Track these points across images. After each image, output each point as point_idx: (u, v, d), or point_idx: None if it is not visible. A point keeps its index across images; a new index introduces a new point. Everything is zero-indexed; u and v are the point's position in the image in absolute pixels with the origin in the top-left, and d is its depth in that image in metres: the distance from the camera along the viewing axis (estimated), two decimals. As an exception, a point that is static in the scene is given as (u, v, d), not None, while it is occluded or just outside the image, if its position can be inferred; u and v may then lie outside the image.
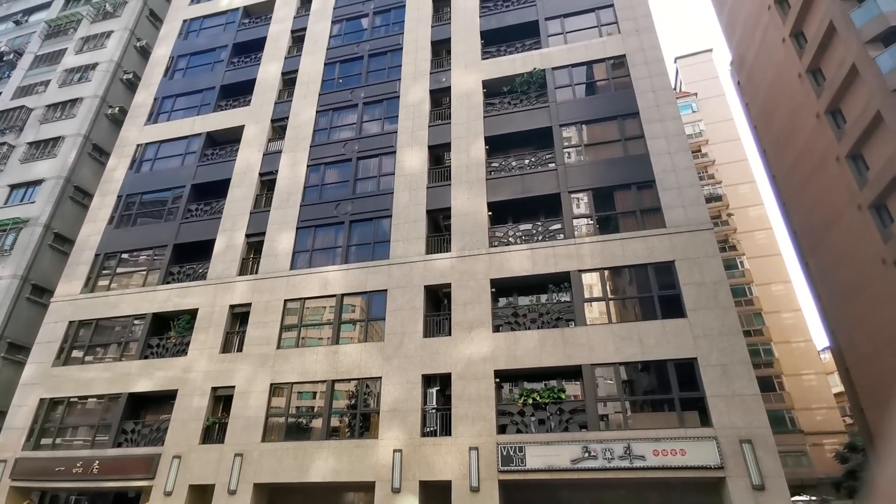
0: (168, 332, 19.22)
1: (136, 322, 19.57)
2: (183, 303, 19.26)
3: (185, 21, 28.63)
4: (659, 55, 18.98)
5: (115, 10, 31.57)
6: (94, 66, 29.16)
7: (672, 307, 14.68)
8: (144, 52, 30.67)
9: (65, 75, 29.45)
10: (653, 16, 20.11)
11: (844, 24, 21.90)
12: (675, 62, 53.71)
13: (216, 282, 19.23)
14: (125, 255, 21.55)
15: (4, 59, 31.96)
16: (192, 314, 19.03)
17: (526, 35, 21.64)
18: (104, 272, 21.26)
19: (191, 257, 20.69)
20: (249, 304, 18.44)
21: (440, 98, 21.38)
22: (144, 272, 20.78)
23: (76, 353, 19.67)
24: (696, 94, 48.88)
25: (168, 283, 20.10)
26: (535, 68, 20.13)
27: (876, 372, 21.15)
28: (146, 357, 18.68)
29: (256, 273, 19.14)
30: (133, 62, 30.27)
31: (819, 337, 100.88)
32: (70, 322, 20.10)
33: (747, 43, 32.82)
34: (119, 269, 21.25)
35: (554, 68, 20.07)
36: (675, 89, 50.58)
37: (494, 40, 22.02)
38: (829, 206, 24.06)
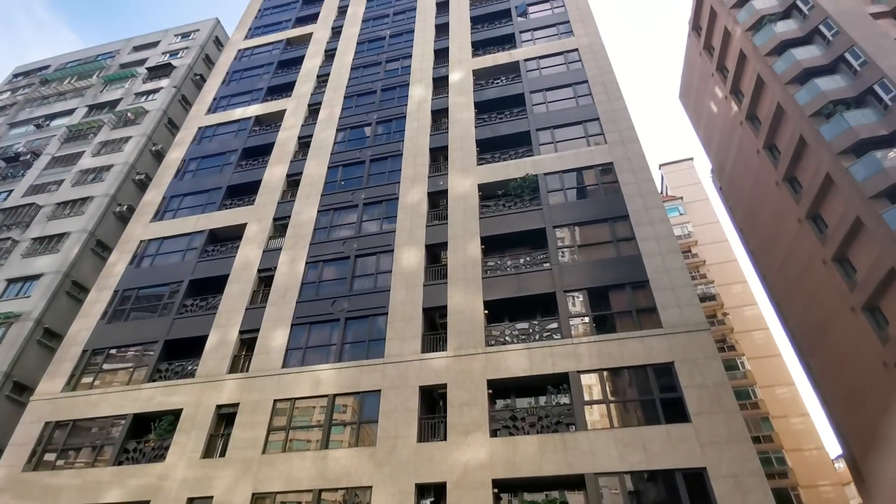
0: (148, 434, 18.26)
1: (115, 423, 18.65)
2: (167, 402, 18.52)
3: (200, 128, 30.54)
4: (644, 163, 20.16)
5: (136, 118, 33.76)
6: (108, 168, 30.58)
7: (675, 411, 14.23)
8: (159, 156, 32.33)
9: (79, 175, 30.77)
10: (635, 128, 21.66)
11: (814, 137, 23.53)
12: (660, 168, 56.77)
13: (204, 380, 18.66)
14: (113, 352, 21.07)
15: (21, 158, 33.52)
16: (176, 415, 18.21)
17: (519, 144, 23.09)
18: (89, 369, 20.65)
19: (181, 354, 20.25)
20: (237, 404, 17.75)
21: (437, 200, 22.29)
22: (131, 369, 20.20)
23: (48, 457, 18.50)
24: (681, 198, 51.10)
25: (154, 380, 19.47)
26: (527, 173, 21.24)
27: (893, 482, 20.02)
28: (120, 463, 17.57)
29: (247, 371, 18.65)
30: (147, 164, 31.81)
31: (831, 443, 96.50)
32: (47, 423, 19.14)
33: (725, 153, 34.99)
34: (105, 366, 20.67)
35: (546, 174, 21.18)
36: (661, 193, 53.03)
37: (489, 148, 23.45)
38: (822, 307, 24.22)
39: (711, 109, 36.62)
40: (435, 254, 20.66)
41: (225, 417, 17.99)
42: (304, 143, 27.34)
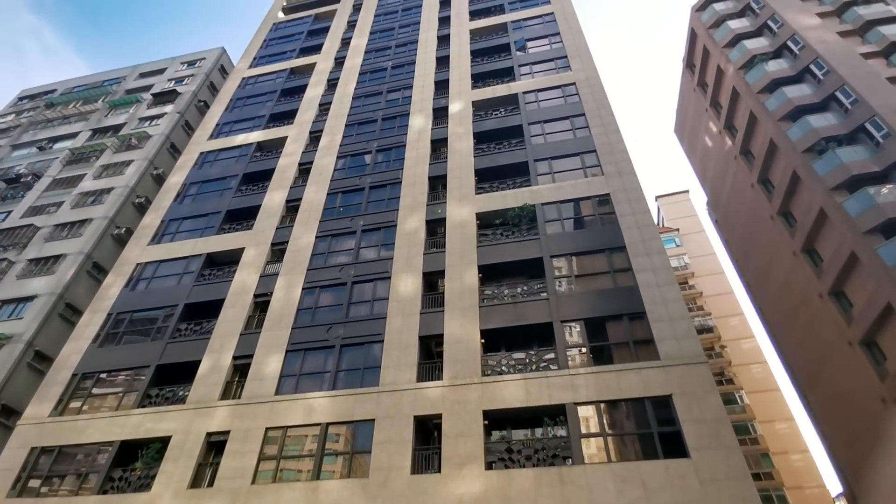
0: (134, 462, 17.82)
1: (101, 450, 18.22)
2: (156, 429, 18.15)
3: (201, 153, 30.85)
4: (640, 195, 20.38)
5: (139, 143, 34.13)
6: (108, 191, 30.74)
7: (674, 445, 14.01)
8: (160, 179, 32.55)
9: (79, 198, 30.90)
10: (632, 160, 21.98)
11: (808, 172, 23.89)
12: (656, 200, 57.35)
13: (195, 406, 18.33)
14: (103, 376, 20.75)
15: (22, 180, 33.68)
16: (164, 442, 17.81)
17: (516, 174, 23.36)
18: (78, 394, 20.28)
19: (172, 379, 19.95)
20: (228, 432, 17.39)
21: (435, 228, 22.39)
22: (120, 394, 19.86)
23: (33, 483, 18.00)
24: (678, 230, 51.47)
25: (144, 406, 19.12)
26: (525, 203, 21.42)
27: (898, 524, 19.61)
28: (105, 492, 17.08)
29: (239, 398, 18.35)
30: (147, 188, 32.00)
31: (832, 480, 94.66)
32: (32, 448, 18.69)
33: (719, 186, 35.44)
34: (95, 391, 20.32)
35: (543, 203, 21.37)
36: (657, 225, 53.36)
37: (487, 177, 23.70)
38: (819, 342, 24.16)
39: (706, 143, 37.27)
40: (432, 281, 20.64)
41: (214, 445, 17.60)
42: (304, 170, 27.60)
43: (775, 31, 30.32)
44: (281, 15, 45.77)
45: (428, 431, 16.61)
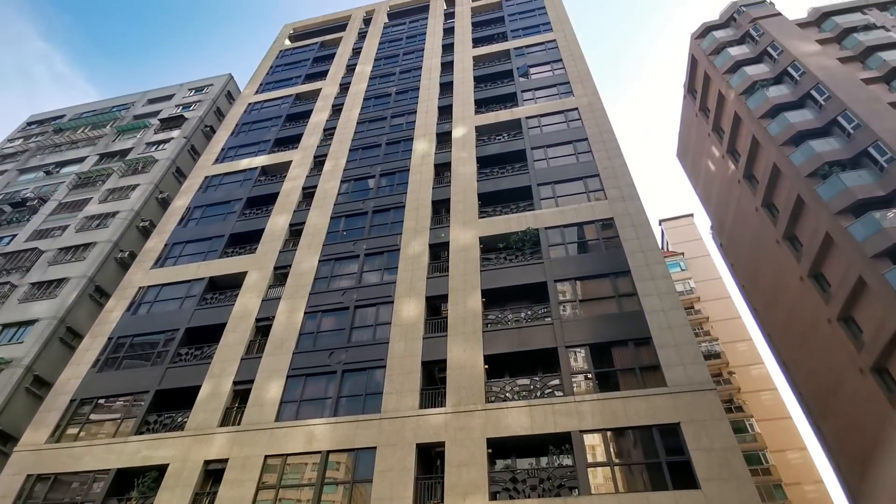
0: (131, 491, 17.43)
1: (98, 478, 17.84)
2: (153, 456, 17.80)
3: (206, 177, 31.10)
4: (644, 219, 20.31)
5: (145, 167, 34.48)
6: (113, 214, 30.91)
7: (683, 476, 13.59)
8: (164, 203, 32.76)
9: (84, 221, 31.06)
10: (635, 184, 21.98)
11: (812, 197, 23.82)
12: (660, 224, 57.27)
13: (194, 433, 18.01)
14: (102, 401, 20.48)
15: (28, 204, 33.95)
16: (161, 470, 17.44)
17: (520, 198, 23.37)
18: (75, 420, 19.99)
19: (172, 405, 19.67)
20: (226, 460, 17.03)
21: (439, 252, 22.32)
22: (118, 420, 19.56)
23: (25, 514, 17.59)
24: (682, 254, 51.21)
25: (142, 433, 18.81)
26: (528, 227, 21.37)
27: (918, 559, 18.90)
28: (101, 521, 16.68)
29: (239, 424, 18.03)
30: (152, 211, 32.18)
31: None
32: (28, 475, 18.33)
33: (724, 210, 35.38)
34: (92, 417, 20.03)
35: (547, 228, 21.30)
36: (662, 249, 53.16)
37: (491, 201, 23.72)
38: (829, 368, 23.71)
39: (709, 168, 37.37)
40: (435, 306, 20.46)
41: (212, 474, 17.21)
42: (308, 194, 27.72)
43: (775, 57, 30.67)
44: (288, 42, 46.73)
45: (430, 460, 16.22)
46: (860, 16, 31.28)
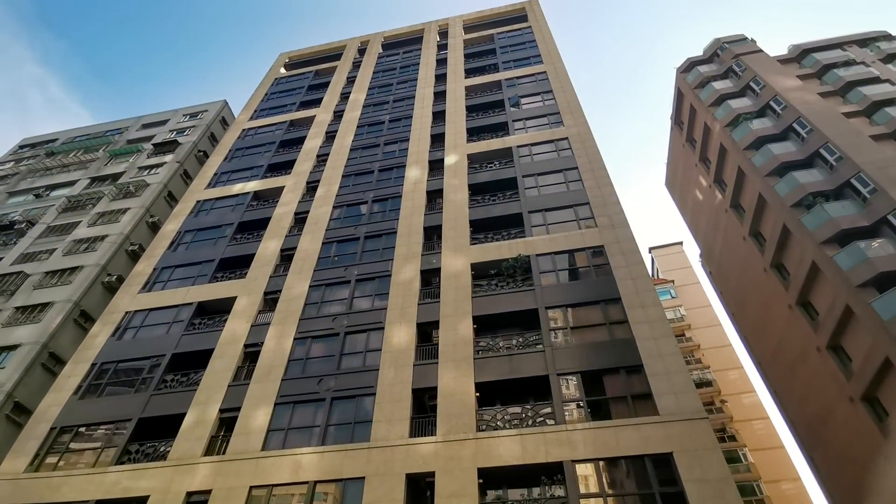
0: (110, 523, 16.82)
1: (75, 510, 17.22)
2: (133, 487, 17.25)
3: (198, 201, 31.07)
4: (634, 247, 20.51)
5: (136, 191, 34.40)
6: (102, 238, 30.66)
7: (676, 507, 13.39)
8: (155, 227, 32.59)
9: (72, 245, 30.76)
10: (625, 213, 22.27)
11: (797, 226, 24.22)
12: (650, 252, 57.76)
13: (176, 463, 17.52)
14: (83, 430, 19.93)
15: (15, 227, 33.61)
16: (142, 502, 16.88)
17: (511, 225, 23.56)
18: (55, 448, 19.40)
19: (155, 434, 19.16)
20: (209, 492, 16.53)
21: (430, 278, 22.31)
22: (99, 450, 19.00)
23: (-4, 548, 16.89)
24: (672, 282, 51.52)
25: (122, 462, 18.26)
26: (519, 254, 21.48)
27: None
28: (77, 556, 16.04)
29: (224, 453, 17.59)
30: (142, 235, 31.97)
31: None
32: (1, 507, 17.69)
33: (712, 239, 35.82)
34: (72, 445, 19.45)
35: (538, 255, 21.43)
36: (652, 276, 53.50)
37: (482, 228, 23.88)
38: (820, 397, 23.72)
39: (697, 197, 37.99)
40: (426, 332, 20.33)
41: (195, 506, 16.68)
42: (300, 219, 27.75)
43: (758, 91, 31.59)
44: (283, 71, 47.46)
45: (420, 490, 15.88)
46: (840, 52, 32.41)
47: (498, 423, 16.47)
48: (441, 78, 38.00)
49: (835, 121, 26.44)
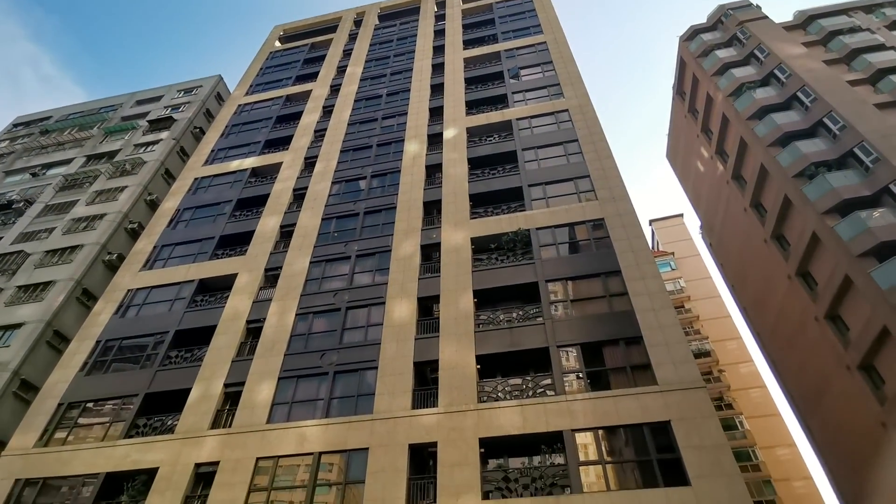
0: (120, 496, 17.24)
1: (86, 482, 17.63)
2: (143, 460, 17.62)
3: (196, 179, 30.88)
4: (634, 219, 20.45)
5: (133, 169, 34.15)
6: (101, 217, 30.58)
7: (674, 473, 13.70)
8: (153, 205, 32.46)
9: (71, 223, 30.70)
10: (625, 185, 22.14)
11: (798, 197, 24.10)
12: (651, 224, 57.66)
13: (184, 436, 17.86)
14: (90, 405, 20.25)
15: (13, 206, 33.50)
16: (151, 474, 17.27)
17: (511, 199, 23.45)
18: (63, 424, 19.75)
19: (161, 408, 19.48)
20: (217, 463, 16.90)
21: (430, 252, 22.32)
22: (107, 424, 19.34)
23: (12, 520, 17.35)
24: (673, 254, 51.58)
25: (131, 436, 18.60)
26: (519, 228, 21.44)
27: (904, 554, 19.15)
28: (90, 526, 16.49)
29: (230, 427, 17.91)
30: (140, 213, 31.87)
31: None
32: (17, 480, 18.08)
33: (713, 211, 35.70)
34: (81, 420, 19.80)
35: (538, 228, 21.39)
36: (652, 249, 53.52)
37: (482, 202, 23.77)
38: (817, 366, 23.99)
39: (698, 168, 37.71)
40: (427, 307, 20.45)
41: (203, 477, 17.07)
42: (298, 195, 27.61)
43: (762, 59, 31.03)
44: (278, 44, 46.57)
45: (423, 460, 16.21)
46: (846, 19, 31.72)
47: (499, 394, 16.71)
48: (439, 50, 37.30)
49: (839, 89, 26.05)
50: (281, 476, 16.38)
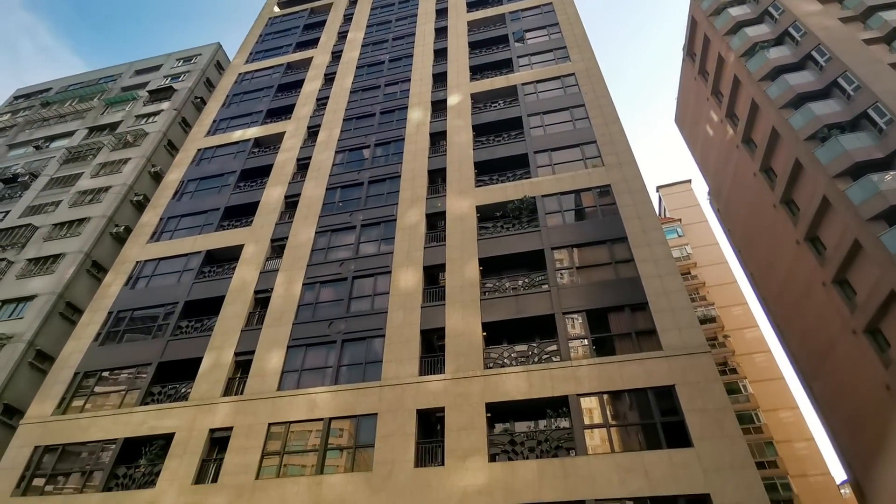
0: (138, 459, 17.83)
1: (105, 448, 18.22)
2: (159, 426, 18.14)
3: (199, 150, 30.70)
4: (641, 185, 20.23)
5: (136, 140, 33.95)
6: (106, 189, 30.61)
7: (677, 435, 13.95)
8: (157, 177, 32.41)
9: (77, 196, 30.77)
10: (632, 151, 21.79)
11: (810, 160, 23.69)
12: (658, 190, 57.09)
13: (198, 403, 18.31)
14: (105, 374, 20.73)
15: (19, 180, 33.55)
16: (168, 439, 17.81)
17: (516, 166, 23.19)
18: (80, 392, 20.27)
19: (174, 377, 19.93)
20: (230, 428, 17.37)
21: (435, 221, 22.26)
22: (123, 392, 19.85)
23: (37, 482, 18.02)
24: (679, 220, 51.23)
25: (146, 403, 19.10)
26: (525, 195, 21.28)
27: (902, 511, 19.59)
28: (110, 489, 17.10)
29: (242, 394, 18.33)
30: (145, 185, 31.86)
31: (837, 468, 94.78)
32: (36, 447, 18.71)
33: (721, 176, 35.21)
34: (97, 389, 20.31)
35: (543, 195, 21.22)
36: (659, 215, 53.04)
37: (487, 170, 23.54)
38: (823, 330, 24.05)
39: (707, 133, 37.02)
40: (433, 275, 20.54)
41: (218, 442, 17.59)
42: (302, 165, 27.44)
43: (776, 17, 30.01)
44: (276, 9, 45.43)
45: (431, 425, 16.58)
46: (863, -28, 30.41)
47: (505, 360, 16.92)
48: (442, 13, 36.29)
49: (854, 48, 25.24)
50: (293, 441, 16.84)
